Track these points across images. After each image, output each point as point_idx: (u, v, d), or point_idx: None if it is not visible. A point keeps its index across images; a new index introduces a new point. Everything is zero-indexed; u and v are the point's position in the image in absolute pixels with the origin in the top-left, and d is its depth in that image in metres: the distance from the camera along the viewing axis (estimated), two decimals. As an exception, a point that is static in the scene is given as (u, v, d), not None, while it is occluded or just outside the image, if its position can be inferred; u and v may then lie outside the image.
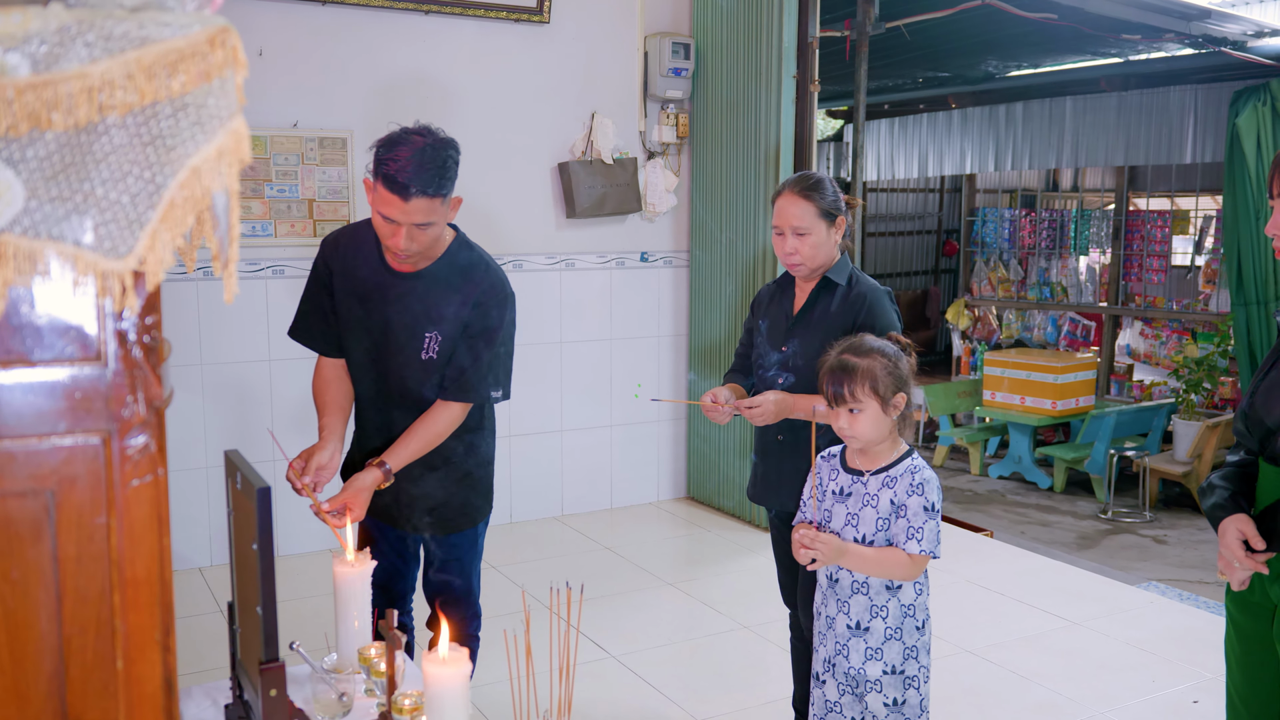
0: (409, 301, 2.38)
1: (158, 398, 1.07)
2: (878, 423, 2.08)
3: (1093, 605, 4.03)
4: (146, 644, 1.06)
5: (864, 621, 2.10)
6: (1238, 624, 1.99)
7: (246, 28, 4.19)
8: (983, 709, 3.20)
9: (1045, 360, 8.71)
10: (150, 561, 1.06)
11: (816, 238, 2.51)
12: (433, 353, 2.39)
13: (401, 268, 2.37)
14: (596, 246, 5.10)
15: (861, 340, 2.16)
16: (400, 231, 2.22)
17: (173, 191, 0.97)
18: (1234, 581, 1.88)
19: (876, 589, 2.09)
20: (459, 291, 2.38)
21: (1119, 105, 8.56)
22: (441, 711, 1.64)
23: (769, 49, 4.65)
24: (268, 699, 1.61)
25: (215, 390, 4.29)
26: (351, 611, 2.07)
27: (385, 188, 2.18)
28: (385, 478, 2.38)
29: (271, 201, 4.30)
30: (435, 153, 2.19)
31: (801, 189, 2.52)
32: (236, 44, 0.99)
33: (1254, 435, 1.89)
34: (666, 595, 4.13)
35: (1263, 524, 1.82)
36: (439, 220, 2.26)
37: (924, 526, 2.03)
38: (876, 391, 2.07)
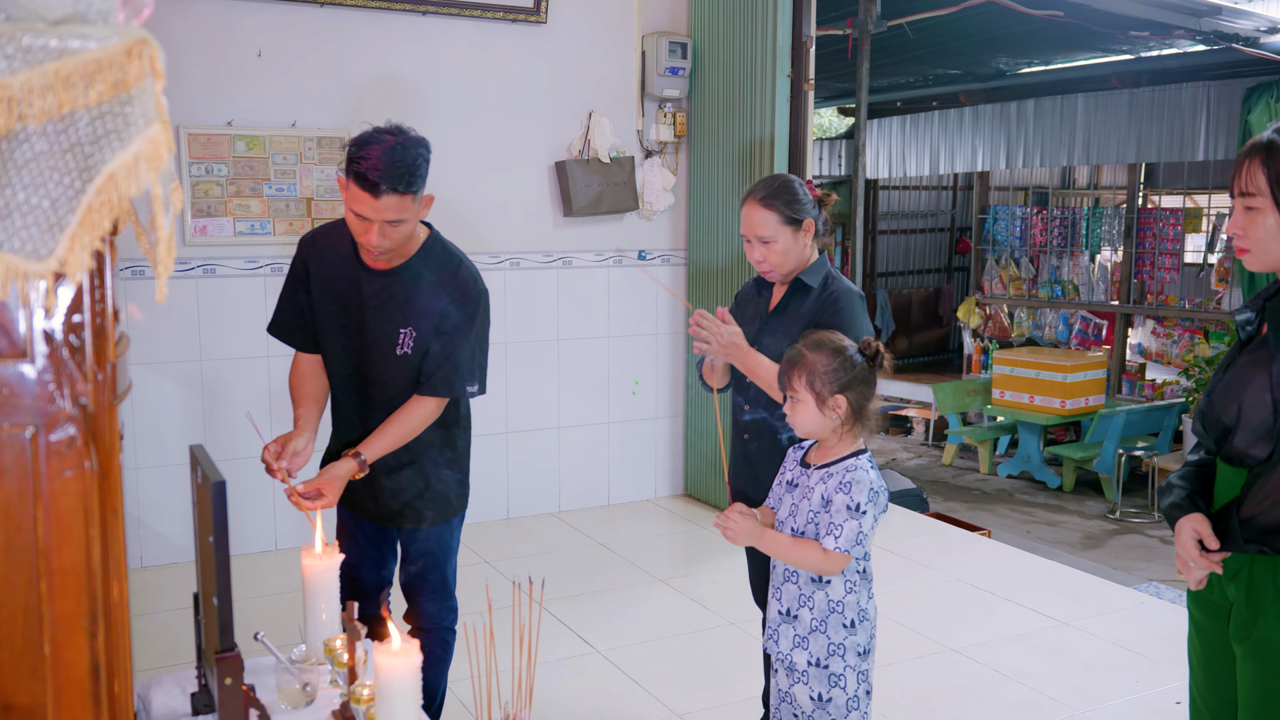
0: (384, 298, 2.43)
1: (85, 393, 1.11)
2: (813, 418, 2.09)
3: (1083, 605, 4.03)
4: (74, 630, 1.10)
5: (793, 609, 2.14)
6: (1198, 624, 1.99)
7: (245, 28, 4.25)
8: (962, 707, 3.22)
9: (1054, 359, 8.67)
10: (77, 551, 1.10)
11: (782, 244, 2.53)
12: (407, 349, 2.44)
13: (376, 265, 2.42)
14: (594, 245, 5.14)
15: (820, 335, 2.17)
16: (373, 228, 2.28)
17: (90, 197, 1.01)
18: (1191, 581, 1.89)
19: (804, 580, 2.12)
20: (433, 288, 2.43)
21: (1131, 102, 8.50)
22: (392, 701, 1.68)
23: (764, 48, 4.67)
24: (223, 687, 1.66)
25: (215, 386, 4.35)
26: (320, 604, 2.11)
27: (357, 185, 2.23)
28: (360, 468, 2.41)
29: (270, 200, 4.36)
30: (405, 151, 2.24)
31: (762, 198, 2.53)
32: (155, 55, 1.03)
33: (1211, 434, 1.89)
34: (656, 591, 4.16)
35: (1218, 523, 1.82)
36: (410, 218, 2.31)
37: (844, 525, 2.03)
38: (812, 387, 2.08)
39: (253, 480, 4.46)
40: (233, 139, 4.26)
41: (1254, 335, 1.86)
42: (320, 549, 2.13)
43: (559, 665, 3.48)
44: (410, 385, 2.47)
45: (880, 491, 2.08)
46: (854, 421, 2.12)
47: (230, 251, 4.33)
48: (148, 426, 4.24)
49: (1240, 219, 1.79)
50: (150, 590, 4.03)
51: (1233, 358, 1.90)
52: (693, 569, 4.44)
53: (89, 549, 1.11)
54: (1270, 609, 1.78)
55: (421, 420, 2.47)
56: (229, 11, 4.22)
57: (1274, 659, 1.78)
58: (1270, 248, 1.77)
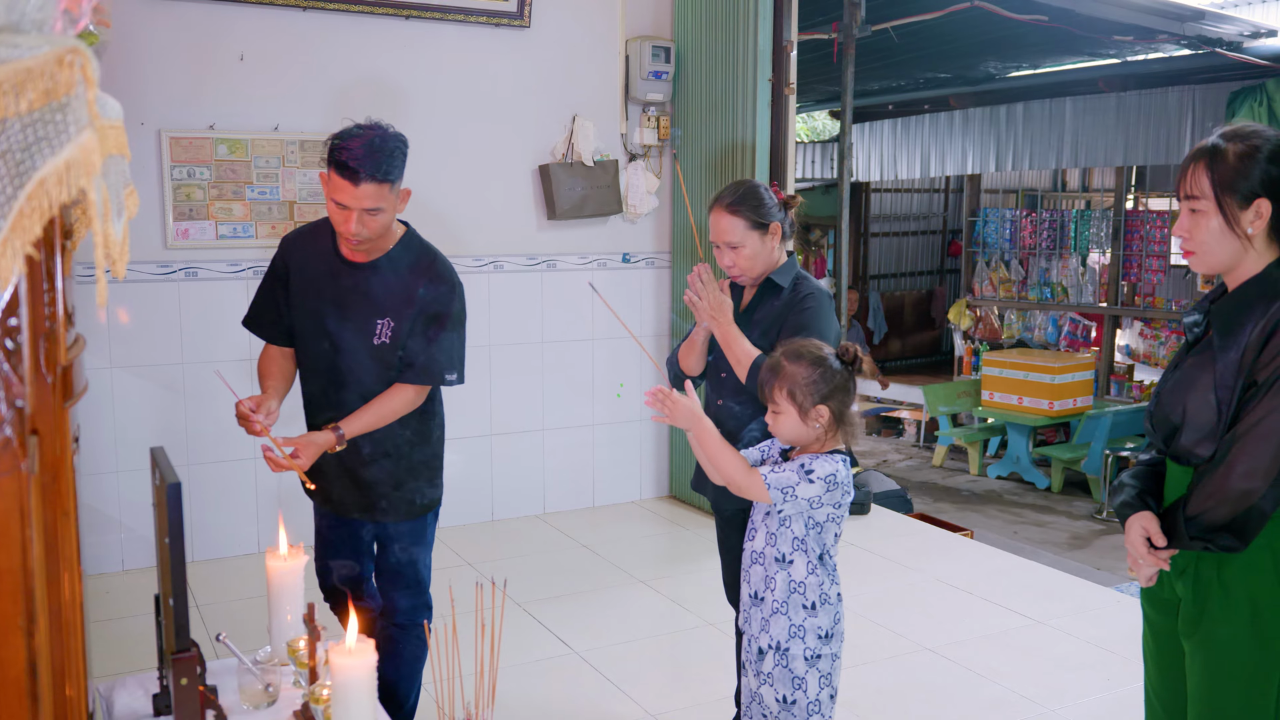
0: (362, 290, 2.53)
1: (22, 396, 1.13)
2: (796, 428, 2.13)
3: (1059, 604, 4.05)
4: (9, 630, 1.12)
5: (759, 591, 2.18)
6: (1150, 620, 2.02)
7: (227, 32, 4.28)
8: (934, 705, 3.24)
9: (1042, 361, 8.69)
10: (13, 552, 1.12)
11: (750, 249, 2.57)
12: (385, 338, 2.53)
13: (354, 257, 2.53)
14: (578, 248, 5.16)
15: (799, 345, 2.19)
16: (352, 217, 2.39)
17: (22, 203, 1.03)
18: (1141, 578, 1.92)
19: (769, 561, 2.16)
20: (409, 280, 2.54)
21: (1118, 106, 8.54)
22: (347, 701, 1.70)
23: (745, 52, 4.69)
24: (179, 687, 1.67)
25: (196, 389, 4.37)
26: (284, 605, 2.13)
27: (337, 174, 2.36)
28: (338, 441, 2.50)
29: (253, 203, 4.38)
30: (383, 143, 2.38)
31: (728, 204, 2.57)
32: (86, 63, 1.05)
33: (1159, 434, 1.92)
34: (637, 592, 4.18)
35: (1166, 521, 1.85)
36: (387, 207, 2.43)
37: (786, 471, 2.07)
38: (794, 398, 2.10)
39: (236, 483, 4.49)
40: (215, 142, 4.28)
41: (1200, 337, 1.89)
42: (285, 550, 2.14)
43: (535, 666, 3.49)
44: (385, 376, 2.56)
45: (842, 485, 2.10)
46: (835, 429, 2.14)
47: (212, 255, 4.35)
48: (128, 429, 4.25)
49: (1186, 222, 1.82)
50: (131, 593, 4.04)
51: (1180, 359, 1.93)
52: (674, 570, 4.45)
53: (25, 550, 1.12)
54: (1216, 605, 1.81)
55: (402, 405, 2.56)
56: (211, 15, 4.24)
57: (1220, 653, 1.81)
58: (1214, 250, 1.80)
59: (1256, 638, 1.77)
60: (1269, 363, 1.72)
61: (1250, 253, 1.80)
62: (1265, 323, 1.74)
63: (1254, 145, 1.75)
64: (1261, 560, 1.77)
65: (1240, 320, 1.79)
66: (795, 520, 2.13)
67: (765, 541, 2.18)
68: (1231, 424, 1.77)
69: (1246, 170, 1.75)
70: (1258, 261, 1.80)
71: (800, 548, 2.14)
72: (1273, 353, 1.72)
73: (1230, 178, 1.76)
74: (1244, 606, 1.78)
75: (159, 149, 4.20)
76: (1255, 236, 1.78)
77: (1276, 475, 1.70)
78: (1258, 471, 1.70)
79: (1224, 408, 1.77)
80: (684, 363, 2.71)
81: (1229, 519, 1.73)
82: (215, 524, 4.45)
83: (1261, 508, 1.71)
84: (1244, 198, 1.76)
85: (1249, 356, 1.75)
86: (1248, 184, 1.76)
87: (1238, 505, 1.72)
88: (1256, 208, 1.76)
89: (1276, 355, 1.71)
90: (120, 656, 3.41)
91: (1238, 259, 1.81)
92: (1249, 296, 1.79)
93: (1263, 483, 1.70)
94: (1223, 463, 1.75)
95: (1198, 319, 1.89)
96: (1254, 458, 1.71)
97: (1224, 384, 1.78)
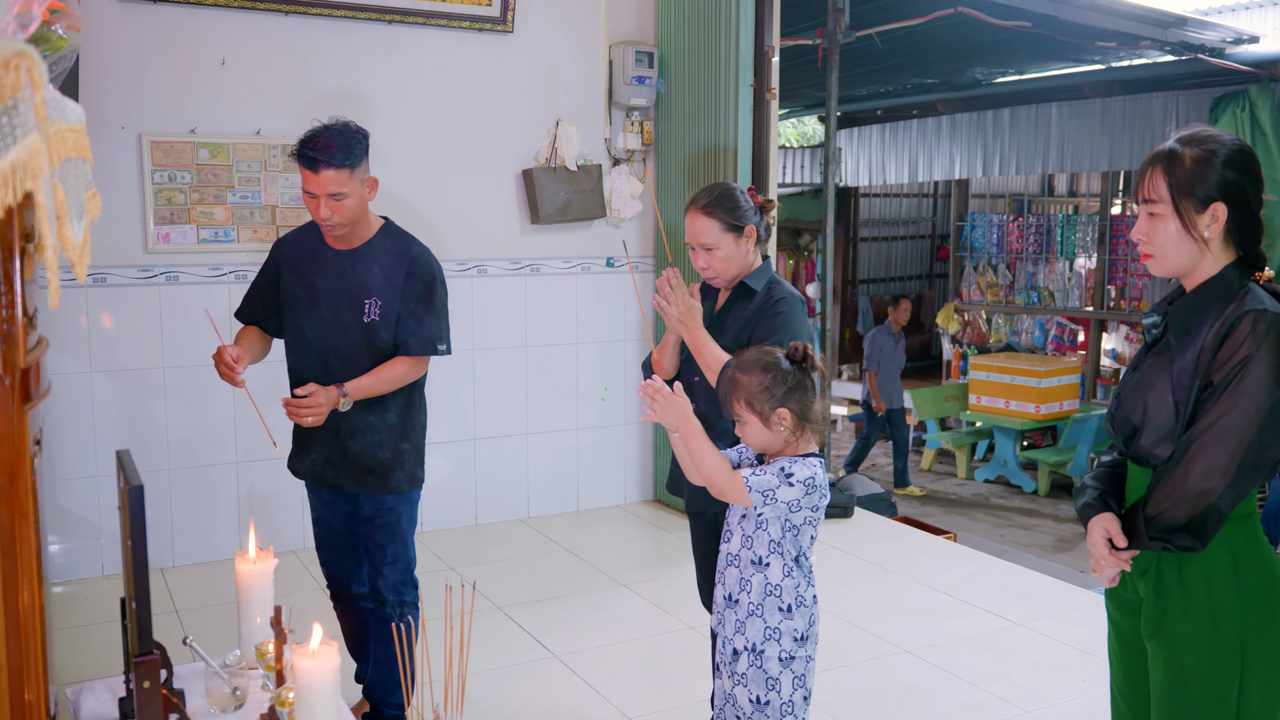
0: (349, 274, 2.79)
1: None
2: (762, 435, 2.15)
3: (1038, 606, 4.06)
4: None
5: (734, 594, 2.19)
6: (1114, 621, 2.03)
7: (208, 36, 4.28)
8: (912, 706, 3.24)
9: (1029, 365, 8.72)
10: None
11: (725, 251, 2.58)
12: (374, 315, 2.78)
13: (338, 245, 2.80)
14: (562, 252, 5.17)
15: (747, 355, 2.20)
16: (320, 203, 2.67)
17: (-33, 204, 1.03)
18: (1103, 579, 1.93)
19: (745, 564, 2.16)
20: (391, 263, 2.80)
21: (1103, 111, 8.58)
22: (310, 704, 1.70)
23: (727, 58, 4.71)
24: (142, 690, 1.67)
25: (176, 394, 4.36)
26: (253, 608, 2.13)
27: (300, 164, 2.66)
28: (341, 396, 2.71)
29: (234, 208, 4.38)
30: (340, 133, 2.65)
31: (703, 206, 2.59)
32: (33, 67, 1.06)
33: (1120, 435, 1.93)
34: (619, 596, 4.18)
35: (1127, 522, 1.86)
36: (350, 193, 2.68)
37: (768, 473, 2.08)
38: (753, 408, 2.12)
39: (217, 488, 4.48)
40: (196, 146, 4.28)
41: (1159, 339, 1.90)
42: (254, 554, 2.15)
43: (514, 670, 3.50)
44: (375, 353, 2.79)
45: (820, 488, 2.12)
46: (801, 428, 2.15)
47: (193, 259, 4.35)
48: (108, 434, 4.25)
49: (1144, 225, 1.84)
50: (109, 598, 4.03)
51: (1140, 360, 1.95)
52: (657, 574, 4.46)
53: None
54: (1176, 605, 1.82)
55: (401, 375, 2.80)
56: (192, 19, 4.25)
57: (1181, 653, 1.82)
58: (1171, 253, 1.82)
59: (1216, 637, 1.78)
60: (1224, 363, 1.73)
61: (1207, 256, 1.81)
62: (1221, 324, 1.76)
63: (1210, 150, 1.77)
64: (1220, 560, 1.78)
65: (1197, 322, 1.80)
66: (772, 523, 2.15)
67: (741, 544, 2.19)
68: (1189, 424, 1.78)
69: (1203, 175, 1.77)
70: (1214, 264, 1.82)
71: (776, 550, 2.15)
72: (1228, 353, 1.73)
73: (1187, 182, 1.78)
74: (1204, 606, 1.79)
75: (140, 153, 4.20)
76: (1212, 240, 1.80)
77: (1233, 475, 1.71)
78: (1214, 471, 1.71)
79: (1181, 408, 1.78)
80: (658, 366, 2.72)
81: (1187, 519, 1.74)
82: (196, 528, 4.45)
83: (1218, 507, 1.73)
84: (1200, 202, 1.78)
85: (1205, 357, 1.77)
86: (1204, 188, 1.77)
87: (1195, 505, 1.73)
88: (1213, 211, 1.78)
89: (1232, 356, 1.72)
90: (95, 661, 3.41)
91: (1194, 262, 1.82)
92: (1205, 298, 1.81)
93: (1220, 482, 1.71)
94: (1180, 463, 1.76)
95: (1156, 320, 1.90)
96: (1210, 458, 1.72)
97: (1181, 384, 1.79)
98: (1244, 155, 1.79)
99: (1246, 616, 1.77)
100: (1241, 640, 1.78)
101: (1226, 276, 1.80)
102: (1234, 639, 1.78)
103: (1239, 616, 1.78)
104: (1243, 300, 1.76)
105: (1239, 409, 1.71)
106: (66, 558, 4.25)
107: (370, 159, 2.74)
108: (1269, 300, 1.76)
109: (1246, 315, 1.73)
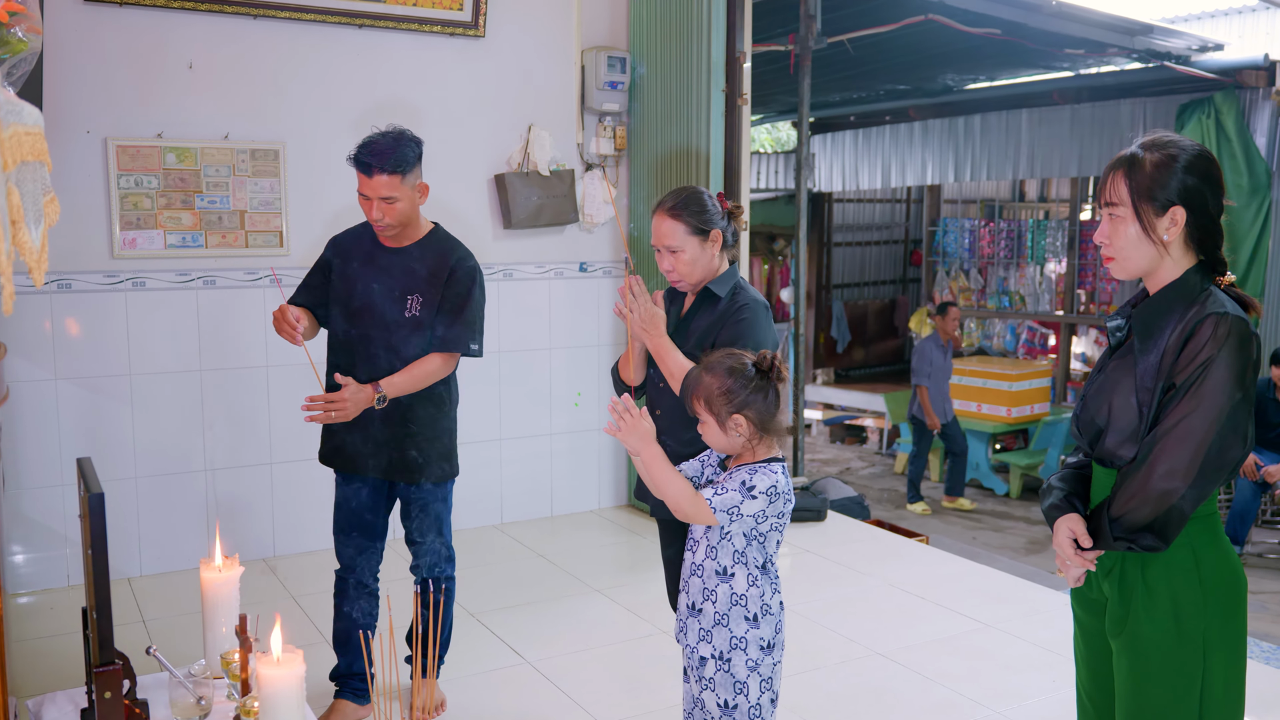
0: (396, 271, 2.97)
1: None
2: (718, 437, 2.16)
3: (1009, 608, 4.09)
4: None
5: (698, 603, 2.18)
6: (1080, 620, 2.05)
7: (175, 40, 4.24)
8: (883, 708, 3.25)
9: (1000, 368, 8.79)
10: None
11: (690, 254, 2.58)
12: (415, 311, 2.95)
13: (387, 243, 2.99)
14: (535, 257, 5.16)
15: (715, 357, 2.21)
16: (372, 205, 2.87)
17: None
18: (1069, 579, 1.95)
19: (709, 574, 2.16)
20: (435, 264, 2.98)
21: (1072, 118, 8.67)
22: (276, 713, 1.68)
23: (699, 63, 4.72)
24: (103, 701, 1.65)
25: (143, 401, 4.32)
26: (218, 617, 2.11)
27: (356, 168, 2.85)
28: (376, 394, 2.84)
29: (202, 213, 4.34)
30: (395, 140, 2.86)
31: (669, 208, 2.59)
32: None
33: (1085, 436, 1.95)
34: (593, 602, 4.17)
35: (1092, 523, 1.88)
36: (402, 197, 2.88)
37: (729, 490, 2.08)
38: (711, 409, 2.13)
39: (185, 496, 4.43)
40: (163, 151, 4.24)
41: (1123, 341, 1.92)
42: (220, 562, 2.12)
43: (486, 677, 3.48)
44: (413, 345, 2.94)
45: (784, 495, 2.12)
46: (759, 436, 2.15)
47: (161, 264, 4.30)
48: (73, 442, 4.19)
49: (1106, 228, 1.86)
50: (74, 609, 3.98)
51: (1104, 363, 1.97)
52: (631, 579, 4.45)
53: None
54: (1140, 604, 1.84)
55: (435, 370, 2.96)
56: (159, 22, 4.21)
57: (1145, 653, 1.84)
58: (1132, 255, 1.84)
59: (1180, 636, 1.80)
60: (1186, 366, 1.75)
61: (1166, 259, 1.84)
62: (1183, 327, 1.78)
63: (1170, 155, 1.80)
64: (1183, 559, 1.80)
65: (1160, 324, 1.83)
66: (736, 535, 2.15)
67: (705, 554, 2.19)
68: (1152, 426, 1.80)
69: (1162, 179, 1.79)
70: (1175, 268, 1.84)
71: (741, 561, 2.15)
72: (1190, 356, 1.75)
73: (1147, 186, 1.80)
74: (1167, 605, 1.81)
75: (105, 157, 4.15)
76: (1171, 243, 1.82)
77: (1195, 476, 1.73)
78: (1177, 472, 1.73)
79: (1144, 410, 1.81)
80: (623, 373, 2.72)
81: (1150, 519, 1.76)
82: (162, 537, 4.40)
83: (1181, 508, 1.75)
84: (1160, 205, 1.80)
85: (1168, 359, 1.79)
86: (1163, 193, 1.80)
87: (1158, 506, 1.75)
88: (1171, 215, 1.80)
89: (1194, 359, 1.75)
90: (58, 672, 3.36)
91: (1155, 265, 1.85)
92: (1168, 301, 1.83)
93: (1182, 483, 1.73)
94: (1144, 464, 1.78)
95: (1120, 323, 1.93)
96: (1173, 459, 1.74)
97: (1144, 386, 1.81)
98: (1204, 161, 1.82)
99: (1208, 614, 1.80)
100: (1204, 638, 1.80)
101: (1189, 280, 1.83)
102: (1196, 637, 1.80)
103: (1201, 614, 1.80)
104: (1204, 303, 1.79)
105: (1200, 411, 1.73)
106: (31, 568, 4.19)
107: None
108: (1230, 304, 1.79)
109: (1208, 318, 1.75)
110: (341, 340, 3.01)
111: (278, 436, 4.58)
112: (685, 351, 2.57)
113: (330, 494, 3.17)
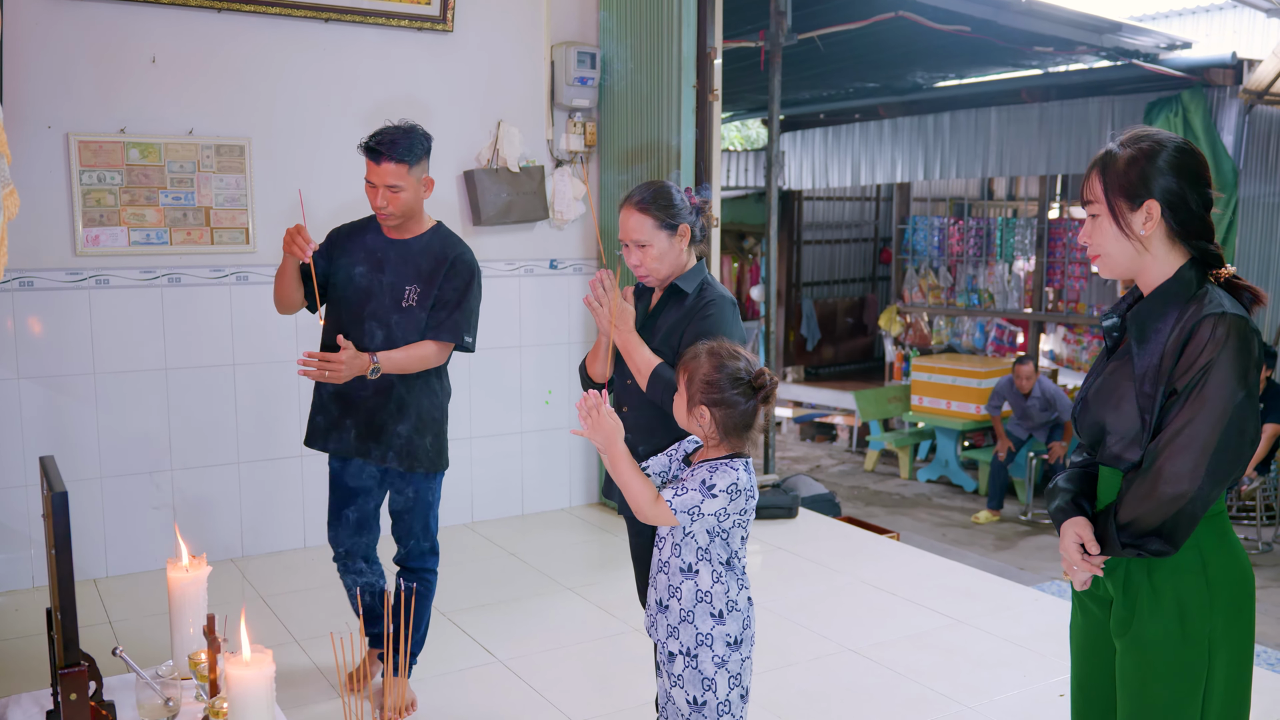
0: (395, 261, 3.04)
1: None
2: (683, 415, 2.18)
3: (980, 604, 4.12)
4: None
5: (664, 600, 2.18)
6: (1088, 611, 1.99)
7: (138, 33, 4.18)
8: (855, 704, 3.27)
9: (969, 366, 8.86)
10: None
11: (658, 249, 2.56)
12: (412, 301, 3.01)
13: (390, 234, 3.06)
14: (505, 254, 5.13)
15: (719, 344, 2.20)
16: (378, 192, 2.95)
17: None
18: (1076, 582, 1.91)
19: (674, 571, 2.16)
20: (435, 258, 3.04)
21: (1040, 116, 8.75)
22: (245, 714, 1.65)
23: (669, 59, 4.71)
24: (68, 703, 1.62)
25: (108, 400, 4.25)
26: (186, 617, 2.07)
27: (365, 155, 2.94)
28: (371, 364, 2.88)
29: (166, 209, 4.28)
30: (404, 132, 2.95)
31: (638, 202, 2.57)
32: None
33: (1087, 439, 1.93)
34: (564, 600, 4.16)
35: (1098, 527, 1.85)
36: (408, 187, 2.95)
37: (689, 490, 2.09)
38: (688, 387, 2.16)
39: (151, 496, 4.36)
40: (126, 146, 4.18)
41: (1120, 342, 1.90)
42: (187, 562, 2.09)
43: (458, 676, 3.45)
44: (408, 334, 2.99)
45: (745, 492, 2.11)
46: (721, 436, 2.14)
47: (124, 262, 4.24)
48: (37, 442, 4.12)
49: (1087, 227, 1.85)
50: (40, 610, 3.91)
51: (1101, 365, 1.94)
52: (602, 576, 4.44)
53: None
54: (1145, 607, 1.81)
55: (429, 356, 3.01)
56: (121, 16, 4.14)
57: (1150, 655, 1.81)
58: (1113, 253, 1.83)
59: (1184, 637, 1.78)
60: (1186, 370, 1.72)
61: (1148, 256, 1.81)
62: (1181, 329, 1.75)
63: (1143, 149, 1.79)
64: (1189, 560, 1.78)
65: (1155, 325, 1.80)
66: (699, 532, 2.14)
67: (670, 552, 2.19)
68: (1156, 429, 1.77)
69: (1135, 173, 1.78)
70: (1166, 265, 1.81)
71: (704, 557, 2.15)
72: (1189, 360, 1.72)
73: (1119, 181, 1.79)
74: (1172, 607, 1.78)
75: (67, 153, 4.08)
76: (1151, 240, 1.80)
77: (1202, 479, 1.70)
78: (1183, 477, 1.71)
79: (1146, 415, 1.78)
80: (591, 369, 2.71)
81: (1159, 524, 1.73)
82: (128, 537, 4.33)
83: (1190, 512, 1.72)
84: (1133, 200, 1.78)
85: (1168, 363, 1.75)
86: (1136, 187, 1.77)
87: (1168, 510, 1.72)
88: (1146, 209, 1.78)
89: (1194, 363, 1.72)
90: (24, 674, 3.30)
91: (1135, 262, 1.82)
92: (1164, 301, 1.80)
93: (1190, 486, 1.71)
94: (1149, 472, 1.75)
95: (1115, 321, 1.89)
96: (1179, 464, 1.71)
97: (1144, 391, 1.78)
98: (1183, 154, 1.78)
99: (1214, 615, 1.77)
100: (1209, 639, 1.77)
101: (1183, 277, 1.79)
102: (1201, 638, 1.78)
103: (1206, 616, 1.77)
104: (1201, 303, 1.75)
105: (1204, 415, 1.71)
106: (-9, 570, 4.11)
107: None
108: (1228, 301, 1.75)
109: (1206, 319, 1.72)
110: (338, 325, 3.05)
111: (245, 435, 4.52)
112: (651, 347, 2.56)
113: (299, 494, 3.17)
